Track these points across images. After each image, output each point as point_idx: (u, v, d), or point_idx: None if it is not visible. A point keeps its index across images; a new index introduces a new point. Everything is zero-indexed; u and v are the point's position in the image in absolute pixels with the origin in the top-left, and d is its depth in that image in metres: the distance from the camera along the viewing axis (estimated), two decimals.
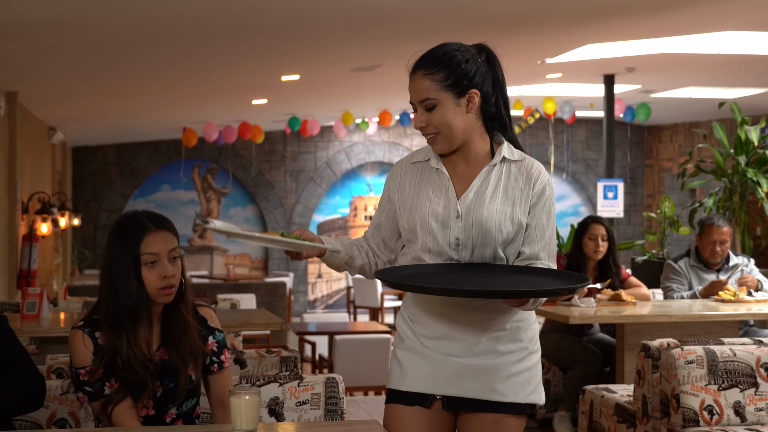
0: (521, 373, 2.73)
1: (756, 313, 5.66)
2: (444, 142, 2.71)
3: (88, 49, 6.99)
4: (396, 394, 2.79)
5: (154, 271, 2.80)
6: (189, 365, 2.83)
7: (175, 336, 2.84)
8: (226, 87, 9.93)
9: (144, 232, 2.82)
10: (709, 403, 4.04)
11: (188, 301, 2.91)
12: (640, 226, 16.17)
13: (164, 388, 2.82)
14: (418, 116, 2.71)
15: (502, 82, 2.76)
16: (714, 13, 6.98)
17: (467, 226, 2.69)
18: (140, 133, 14.65)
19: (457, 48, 2.70)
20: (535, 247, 2.73)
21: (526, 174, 2.73)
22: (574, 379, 5.82)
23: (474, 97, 2.68)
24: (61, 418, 3.24)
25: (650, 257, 8.81)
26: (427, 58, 2.70)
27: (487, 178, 2.72)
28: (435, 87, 2.67)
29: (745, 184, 7.99)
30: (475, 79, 2.68)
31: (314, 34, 6.92)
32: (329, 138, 15.76)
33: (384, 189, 2.90)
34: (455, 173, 2.75)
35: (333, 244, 2.82)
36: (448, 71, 2.66)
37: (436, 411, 2.75)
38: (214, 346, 2.92)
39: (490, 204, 2.69)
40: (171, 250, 2.83)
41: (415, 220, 2.74)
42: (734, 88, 11.09)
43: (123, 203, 15.32)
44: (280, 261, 15.75)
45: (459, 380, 2.71)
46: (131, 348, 2.77)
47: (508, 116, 2.78)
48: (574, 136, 16.14)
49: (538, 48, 8.43)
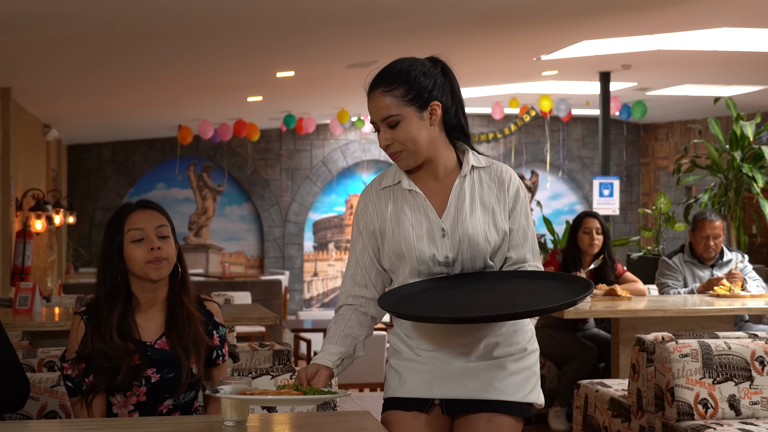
0: (521, 371, 2.72)
1: (751, 308, 5.65)
2: (410, 158, 2.67)
3: (82, 44, 6.97)
4: (394, 401, 2.74)
5: (141, 247, 2.79)
6: (191, 357, 2.82)
7: (179, 327, 2.83)
8: (222, 83, 9.91)
9: (129, 211, 2.84)
10: (704, 397, 4.03)
11: (191, 292, 2.90)
12: (636, 224, 16.17)
13: (162, 377, 2.80)
14: (382, 135, 2.66)
15: (459, 92, 2.74)
16: (710, 9, 6.97)
17: (454, 243, 2.65)
18: (135, 131, 14.62)
19: (411, 63, 2.68)
20: (521, 251, 2.72)
21: (498, 180, 2.71)
22: (570, 375, 5.81)
23: (436, 109, 2.65)
24: (51, 410, 3.23)
25: (645, 253, 8.81)
26: (384, 75, 2.66)
27: (462, 190, 2.69)
28: (396, 103, 2.63)
29: (741, 180, 7.98)
30: (434, 92, 2.65)
31: (309, 28, 6.90)
32: (325, 136, 15.74)
33: (356, 225, 2.79)
34: (428, 191, 2.71)
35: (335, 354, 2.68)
36: (408, 86, 2.63)
37: (434, 416, 2.71)
38: (218, 341, 2.93)
39: (471, 217, 2.66)
40: (158, 227, 2.82)
41: (400, 246, 2.68)
42: (730, 85, 11.08)
43: (118, 201, 15.29)
44: (275, 259, 15.73)
45: (459, 381, 2.68)
46: (102, 337, 2.76)
47: (467, 126, 2.76)
48: (570, 135, 16.13)
49: (534, 44, 8.41)
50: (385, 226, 2.71)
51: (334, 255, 16.07)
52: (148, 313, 2.87)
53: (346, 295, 2.76)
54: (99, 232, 15.21)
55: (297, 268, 15.74)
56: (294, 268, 15.70)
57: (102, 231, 14.96)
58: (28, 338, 5.62)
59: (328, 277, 16.05)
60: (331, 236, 16.06)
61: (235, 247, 15.76)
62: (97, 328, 2.78)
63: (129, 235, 2.80)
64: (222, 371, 2.94)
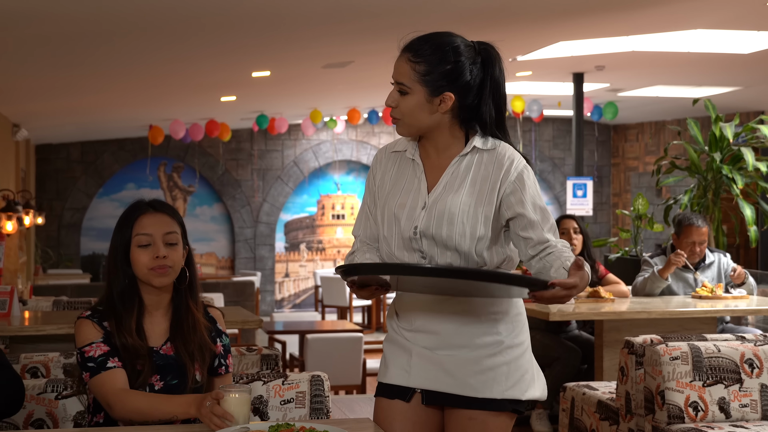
0: (497, 367, 2.66)
1: (734, 309, 5.67)
2: (404, 129, 2.68)
3: (54, 43, 6.86)
4: (381, 386, 2.79)
5: (147, 252, 2.73)
6: (196, 364, 2.76)
7: (184, 332, 2.77)
8: (196, 84, 9.82)
9: (139, 212, 2.78)
10: (694, 400, 4.02)
11: (198, 299, 2.84)
12: (607, 225, 16.25)
13: (166, 384, 2.73)
14: (392, 93, 2.66)
15: (497, 82, 2.65)
16: (684, 11, 7.00)
17: (430, 217, 2.63)
18: (105, 131, 14.47)
19: (449, 44, 2.61)
20: (541, 232, 2.63)
21: (498, 162, 2.65)
22: (553, 377, 5.80)
23: (447, 100, 2.61)
24: (38, 418, 3.15)
25: (623, 254, 8.83)
26: (419, 43, 2.62)
27: (458, 169, 2.67)
28: (413, 77, 2.60)
29: (720, 181, 8.01)
30: (456, 82, 2.60)
31: (288, 28, 6.85)
32: (297, 136, 15.67)
33: (368, 180, 2.83)
34: (429, 164, 2.71)
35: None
36: (432, 67, 2.59)
37: (416, 405, 2.72)
38: (221, 349, 2.87)
39: (455, 195, 2.63)
40: (167, 233, 2.76)
41: (383, 210, 2.72)
42: (701, 87, 11.15)
43: (87, 202, 15.14)
44: (247, 260, 15.64)
45: (434, 374, 2.68)
46: (122, 334, 2.69)
47: (500, 117, 2.68)
48: (542, 135, 16.17)
49: (511, 45, 8.41)
50: (383, 186, 2.75)
51: (306, 256, 16.00)
52: (154, 317, 2.81)
53: (361, 242, 2.81)
54: (68, 233, 15.05)
55: (268, 269, 15.65)
56: (265, 269, 15.61)
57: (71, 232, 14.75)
58: (5, 343, 5.52)
59: (299, 278, 15.97)
60: (303, 237, 15.99)
61: (206, 248, 15.65)
62: (119, 326, 2.71)
63: (136, 239, 2.75)
64: (225, 381, 2.89)
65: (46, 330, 4.95)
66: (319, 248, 16.00)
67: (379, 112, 13.39)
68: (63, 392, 3.11)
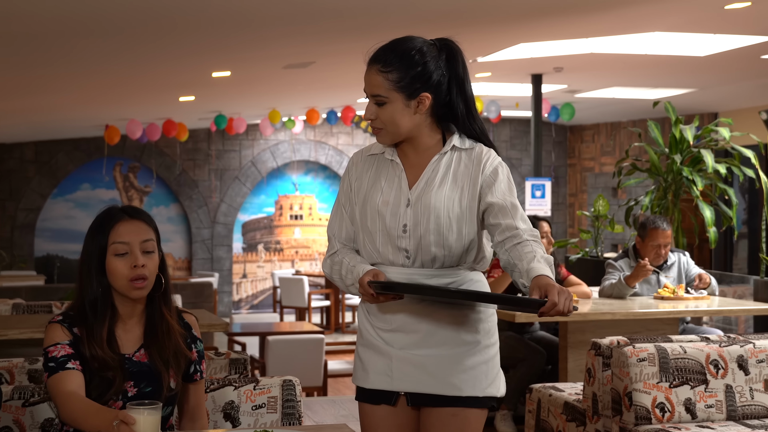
0: (477, 366, 2.73)
1: (696, 310, 5.73)
2: (387, 137, 2.73)
3: (10, 42, 6.76)
4: (361, 391, 2.82)
5: (124, 261, 2.66)
6: (171, 371, 2.72)
7: (158, 339, 2.71)
8: (156, 84, 9.73)
9: (115, 220, 2.70)
10: (661, 401, 4.06)
11: (171, 305, 2.79)
12: (563, 225, 16.36)
13: (139, 391, 2.68)
14: (369, 107, 2.72)
15: (463, 78, 2.73)
16: (643, 13, 7.07)
17: (416, 213, 2.69)
18: (60, 130, 14.28)
19: (414, 47, 2.67)
20: (510, 219, 2.67)
21: (476, 160, 2.73)
22: (518, 378, 5.82)
23: (425, 100, 2.68)
24: (5, 426, 3.10)
25: (584, 255, 8.89)
26: (385, 53, 2.68)
27: (438, 166, 2.73)
28: (387, 86, 2.67)
29: (680, 183, 8.09)
30: (429, 82, 2.67)
31: (251, 29, 6.81)
32: (254, 136, 15.59)
33: (343, 182, 2.86)
34: (407, 163, 2.77)
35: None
36: (403, 73, 2.65)
37: (401, 408, 2.77)
38: (196, 355, 2.82)
39: (438, 190, 2.70)
40: (144, 241, 2.69)
41: (365, 210, 2.74)
42: (657, 88, 11.27)
43: (41, 202, 14.94)
44: (204, 261, 15.53)
45: (416, 376, 2.73)
46: (92, 345, 2.64)
47: (468, 110, 2.74)
48: (499, 136, 16.24)
49: (471, 47, 8.37)
50: (360, 189, 2.78)
51: (264, 256, 15.92)
52: (127, 325, 2.75)
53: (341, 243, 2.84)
54: (21, 234, 14.84)
55: (226, 269, 15.56)
56: (223, 269, 15.52)
57: (24, 233, 14.51)
58: None
59: (257, 278, 15.90)
60: (261, 237, 15.91)
61: (163, 248, 15.45)
62: (90, 336, 2.65)
63: (113, 247, 2.67)
64: (199, 388, 2.84)
65: (8, 335, 4.84)
66: (277, 249, 15.93)
67: (338, 113, 13.36)
68: (30, 399, 3.05)
